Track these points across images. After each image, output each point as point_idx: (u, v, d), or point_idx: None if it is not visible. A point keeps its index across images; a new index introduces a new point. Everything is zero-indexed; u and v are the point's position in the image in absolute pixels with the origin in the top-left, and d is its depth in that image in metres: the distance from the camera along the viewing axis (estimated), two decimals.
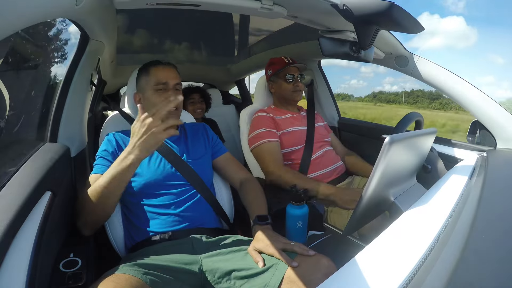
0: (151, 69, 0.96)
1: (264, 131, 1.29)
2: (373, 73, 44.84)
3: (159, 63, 0.97)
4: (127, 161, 0.72)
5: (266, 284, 0.68)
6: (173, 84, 0.95)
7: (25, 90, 1.05)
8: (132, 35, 1.86)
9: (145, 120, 0.71)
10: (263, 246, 0.76)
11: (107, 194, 0.75)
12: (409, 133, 0.72)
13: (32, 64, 1.14)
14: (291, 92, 1.40)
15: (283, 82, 1.41)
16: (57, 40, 1.29)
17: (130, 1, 0.78)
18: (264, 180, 1.28)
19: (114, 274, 0.64)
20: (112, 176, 0.74)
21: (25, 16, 0.51)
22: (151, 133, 0.70)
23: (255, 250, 0.76)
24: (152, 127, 0.70)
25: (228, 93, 3.15)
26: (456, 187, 0.74)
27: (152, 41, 2.06)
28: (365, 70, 43.98)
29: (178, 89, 0.97)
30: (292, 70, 1.40)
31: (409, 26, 0.79)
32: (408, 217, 0.59)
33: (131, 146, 0.73)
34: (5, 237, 0.49)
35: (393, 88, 41.48)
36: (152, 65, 0.97)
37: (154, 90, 0.94)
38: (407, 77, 1.41)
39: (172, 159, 0.93)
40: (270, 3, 0.84)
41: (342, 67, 24.71)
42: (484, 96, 1.16)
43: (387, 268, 0.42)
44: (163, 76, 0.94)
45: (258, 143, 1.28)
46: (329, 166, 1.32)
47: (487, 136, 1.20)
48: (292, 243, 0.75)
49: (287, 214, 0.94)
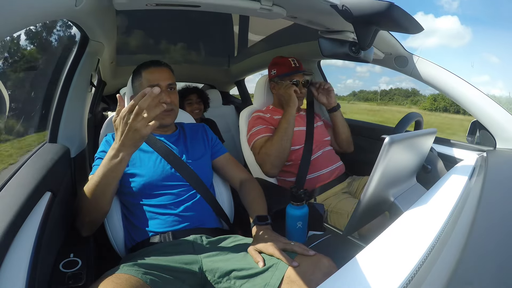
0: (143, 71, 0.96)
1: (261, 128, 1.30)
2: (368, 72, 45.25)
3: (151, 65, 0.96)
4: (116, 158, 0.71)
5: (267, 284, 0.68)
6: (165, 85, 0.94)
7: (26, 91, 1.05)
8: (131, 36, 1.86)
9: (125, 116, 0.67)
10: (263, 246, 0.76)
11: (100, 192, 0.75)
12: (409, 133, 0.72)
13: (32, 65, 1.14)
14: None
15: (286, 87, 1.40)
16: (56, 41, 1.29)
17: (130, 2, 0.78)
18: (264, 180, 1.28)
19: (114, 274, 0.64)
20: (103, 174, 0.72)
21: (25, 17, 0.51)
22: (135, 130, 0.67)
23: (255, 250, 0.76)
24: (133, 125, 0.66)
25: (228, 93, 3.15)
26: (456, 187, 0.74)
27: (151, 41, 2.06)
28: (361, 70, 44.37)
29: (171, 90, 0.96)
30: (298, 76, 1.39)
31: (408, 26, 0.79)
32: (408, 217, 0.59)
33: (117, 142, 0.70)
34: (5, 237, 0.49)
35: (389, 87, 41.79)
36: (144, 67, 0.97)
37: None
38: (403, 76, 1.42)
39: (172, 160, 0.92)
40: (270, 3, 0.84)
41: (338, 67, 24.99)
42: (483, 96, 1.16)
43: (387, 268, 0.42)
44: (154, 77, 0.94)
45: (256, 138, 1.29)
46: (328, 167, 1.32)
47: (487, 136, 1.20)
48: (292, 243, 0.75)
49: (287, 214, 0.94)
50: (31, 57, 1.12)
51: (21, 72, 1.03)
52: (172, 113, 0.98)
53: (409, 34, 0.85)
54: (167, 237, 0.84)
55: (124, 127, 0.67)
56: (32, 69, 1.11)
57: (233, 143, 2.37)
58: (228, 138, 2.33)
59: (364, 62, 1.01)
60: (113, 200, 0.92)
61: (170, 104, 0.94)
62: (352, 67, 47.43)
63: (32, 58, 1.13)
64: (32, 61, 1.12)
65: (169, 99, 0.93)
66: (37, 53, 1.16)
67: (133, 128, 0.66)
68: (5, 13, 0.44)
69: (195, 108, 1.97)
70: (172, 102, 0.95)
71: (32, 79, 1.09)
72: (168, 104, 0.93)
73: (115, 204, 0.92)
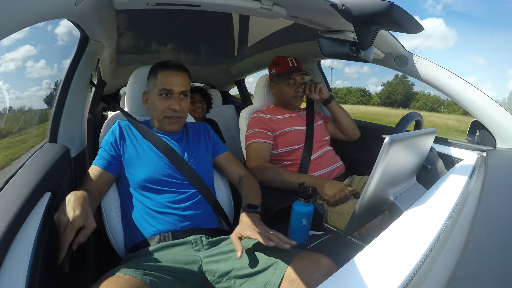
0: (160, 71, 0.94)
1: (256, 131, 1.31)
2: (357, 74, 44.99)
3: (169, 67, 0.94)
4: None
5: (267, 283, 0.69)
6: (178, 91, 0.93)
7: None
8: (131, 35, 1.86)
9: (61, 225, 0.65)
10: (241, 228, 0.75)
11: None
12: (409, 133, 0.72)
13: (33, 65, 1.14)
14: (292, 97, 1.41)
15: (284, 86, 1.41)
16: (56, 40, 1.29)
17: (130, 2, 0.78)
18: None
19: (114, 275, 0.64)
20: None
21: (25, 17, 0.51)
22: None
23: (235, 235, 0.75)
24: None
25: (228, 93, 3.15)
26: (456, 187, 0.74)
27: (151, 41, 2.06)
28: (349, 71, 44.12)
29: (184, 97, 0.95)
30: (296, 75, 1.39)
31: (408, 26, 0.79)
32: (408, 217, 0.59)
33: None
34: (5, 237, 0.49)
35: (378, 88, 41.57)
36: (161, 68, 0.95)
37: (159, 95, 0.93)
38: (391, 78, 1.42)
39: (173, 158, 0.92)
40: (270, 3, 0.84)
41: (326, 67, 25.07)
42: (483, 96, 1.16)
43: (387, 268, 0.42)
44: (169, 82, 0.93)
45: (249, 142, 1.31)
46: (328, 167, 1.32)
47: (487, 136, 1.20)
48: (272, 232, 0.73)
49: (292, 211, 0.94)
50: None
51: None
52: (180, 120, 0.97)
53: (409, 34, 0.85)
54: (167, 237, 0.84)
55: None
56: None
57: (233, 142, 2.37)
58: (228, 138, 2.33)
59: (364, 61, 1.01)
60: (113, 200, 0.93)
61: (179, 111, 0.94)
62: (340, 68, 47.42)
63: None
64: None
65: (179, 107, 0.93)
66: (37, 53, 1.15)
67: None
68: (5, 13, 0.44)
69: (198, 107, 1.98)
70: (182, 109, 0.95)
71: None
72: (177, 111, 0.93)
73: (115, 204, 0.92)
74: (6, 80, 2.51)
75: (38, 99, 3.56)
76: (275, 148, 1.33)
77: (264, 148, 1.29)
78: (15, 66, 3.23)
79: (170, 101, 0.93)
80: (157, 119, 0.97)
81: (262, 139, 1.29)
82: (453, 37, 62.14)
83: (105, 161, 0.89)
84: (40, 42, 3.83)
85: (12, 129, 1.29)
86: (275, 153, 1.33)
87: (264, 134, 1.31)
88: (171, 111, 0.93)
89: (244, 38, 2.02)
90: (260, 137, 1.29)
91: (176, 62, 0.97)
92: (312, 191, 0.93)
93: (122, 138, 0.94)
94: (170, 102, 0.93)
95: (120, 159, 0.91)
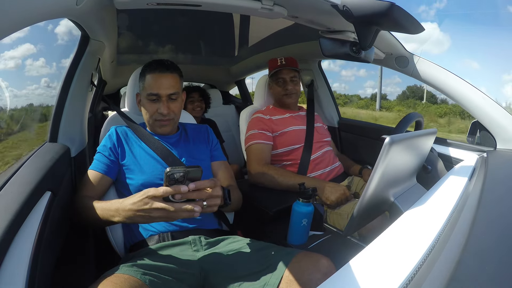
0: (147, 74, 0.93)
1: (256, 133, 1.31)
2: (353, 76, 44.18)
3: (156, 69, 0.92)
4: (116, 218, 0.71)
5: (266, 284, 0.68)
6: (166, 94, 0.91)
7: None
8: (132, 35, 1.86)
9: (154, 203, 0.64)
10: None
11: (100, 223, 0.76)
12: (409, 134, 0.72)
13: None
14: (282, 95, 1.41)
15: (274, 84, 1.43)
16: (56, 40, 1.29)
17: (131, 1, 0.78)
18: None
19: (113, 274, 0.64)
20: (101, 216, 0.73)
21: (25, 16, 0.51)
22: (149, 217, 0.65)
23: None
24: (153, 213, 0.64)
25: (228, 93, 3.15)
26: (456, 187, 0.74)
27: (152, 41, 2.06)
28: (346, 73, 43.27)
29: (173, 99, 0.93)
30: (284, 72, 1.40)
31: (409, 26, 0.79)
32: (408, 218, 0.58)
33: (125, 209, 0.68)
34: (5, 237, 0.49)
35: (374, 91, 40.38)
36: (149, 70, 0.93)
37: (147, 99, 0.93)
38: (387, 81, 1.42)
39: (171, 161, 0.91)
40: (271, 3, 0.84)
41: (324, 70, 24.63)
42: (484, 97, 1.16)
43: (387, 269, 0.42)
44: (156, 85, 0.91)
45: (249, 143, 1.31)
46: (328, 167, 1.32)
47: (487, 137, 1.20)
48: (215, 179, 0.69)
49: (293, 211, 0.94)
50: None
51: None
52: (171, 122, 0.96)
53: (410, 34, 0.85)
54: (166, 237, 0.84)
55: (148, 207, 0.64)
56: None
57: (233, 142, 2.37)
58: (228, 138, 2.33)
59: (365, 62, 1.01)
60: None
61: (169, 114, 0.93)
62: (337, 71, 46.38)
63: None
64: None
65: (166, 111, 0.92)
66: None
67: (150, 214, 0.65)
68: (6, 12, 0.44)
69: (196, 106, 1.99)
70: (171, 112, 0.93)
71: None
72: (166, 115, 0.92)
73: None
74: (4, 78, 2.50)
75: (36, 97, 3.56)
76: (275, 148, 1.33)
77: (264, 149, 1.29)
78: (14, 64, 3.24)
79: (158, 105, 0.92)
80: (148, 122, 0.97)
81: (262, 140, 1.29)
82: (447, 42, 61.59)
83: (103, 165, 0.89)
84: (40, 41, 3.83)
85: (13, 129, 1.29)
86: (275, 153, 1.33)
87: (264, 135, 1.31)
88: (160, 115, 0.93)
89: (245, 38, 2.02)
90: (260, 138, 1.29)
91: (166, 61, 0.94)
92: (312, 191, 0.93)
93: (120, 144, 0.93)
94: (158, 105, 0.92)
95: (117, 163, 0.91)
